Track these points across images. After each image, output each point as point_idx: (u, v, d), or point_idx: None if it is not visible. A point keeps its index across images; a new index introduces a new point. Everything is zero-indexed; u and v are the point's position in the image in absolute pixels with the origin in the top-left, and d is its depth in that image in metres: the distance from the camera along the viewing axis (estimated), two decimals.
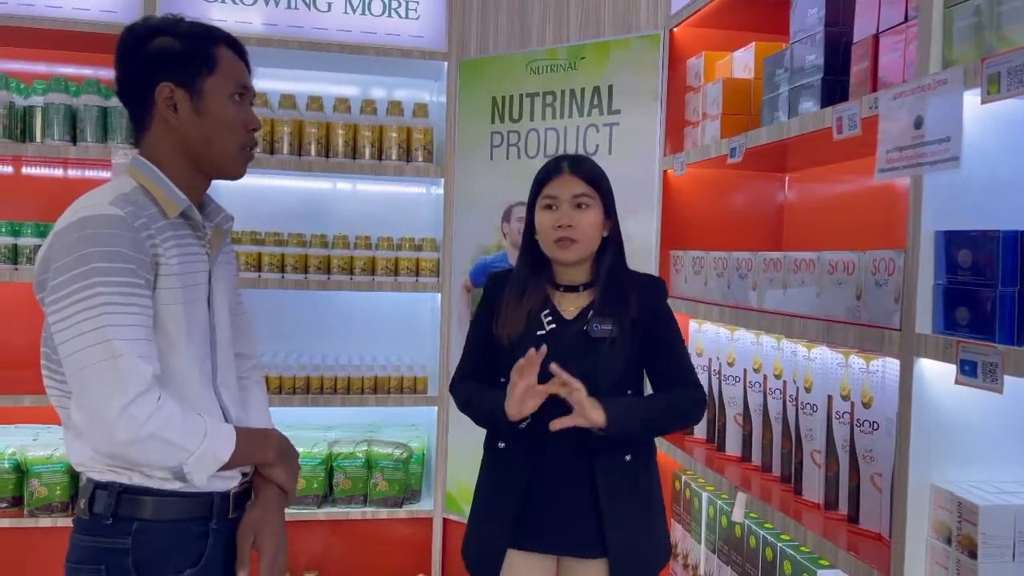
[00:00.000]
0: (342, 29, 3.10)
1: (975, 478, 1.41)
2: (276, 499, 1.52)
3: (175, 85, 1.43)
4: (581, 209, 1.83)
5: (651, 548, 1.89)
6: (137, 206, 1.38)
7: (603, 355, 1.80)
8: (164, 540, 1.38)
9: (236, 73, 1.49)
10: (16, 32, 2.91)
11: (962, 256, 1.32)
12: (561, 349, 1.77)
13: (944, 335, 1.34)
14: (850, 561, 1.58)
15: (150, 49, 1.43)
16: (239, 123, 1.49)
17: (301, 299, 3.32)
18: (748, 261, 2.08)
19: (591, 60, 2.86)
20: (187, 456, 1.33)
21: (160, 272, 1.38)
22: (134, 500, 1.37)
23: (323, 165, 3.08)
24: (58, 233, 1.35)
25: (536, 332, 1.83)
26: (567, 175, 1.84)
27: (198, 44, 1.45)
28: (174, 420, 1.31)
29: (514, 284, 1.90)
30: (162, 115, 1.44)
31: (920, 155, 1.35)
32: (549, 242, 1.84)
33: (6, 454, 2.86)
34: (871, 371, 1.70)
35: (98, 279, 1.29)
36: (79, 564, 1.40)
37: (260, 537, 1.47)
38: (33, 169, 3.18)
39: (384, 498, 3.12)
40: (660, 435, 1.87)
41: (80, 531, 1.42)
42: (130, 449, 1.30)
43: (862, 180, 2.26)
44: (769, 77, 2.02)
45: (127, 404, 1.26)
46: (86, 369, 1.28)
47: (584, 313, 1.85)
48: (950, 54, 1.37)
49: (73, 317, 1.29)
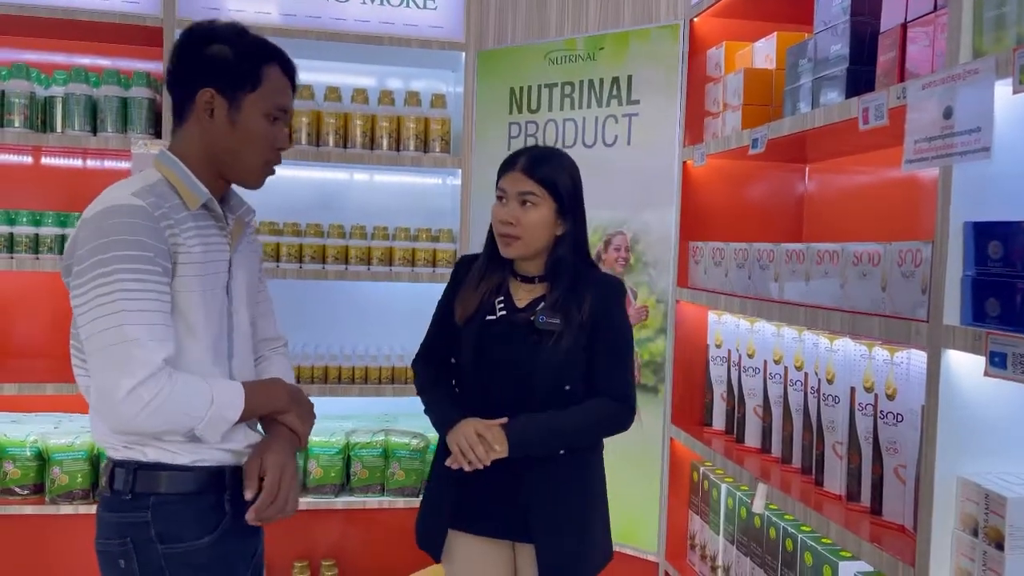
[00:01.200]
0: (360, 19, 3.10)
1: (1002, 470, 1.41)
2: (285, 435, 1.59)
3: (216, 92, 1.51)
4: (525, 207, 1.87)
5: (586, 545, 1.92)
6: (159, 197, 1.45)
7: (544, 347, 1.85)
8: (181, 511, 1.47)
9: (278, 95, 1.56)
10: (37, 22, 2.91)
11: (992, 247, 1.31)
12: (506, 335, 1.89)
13: (973, 327, 1.33)
14: (874, 552, 1.58)
15: (205, 53, 1.52)
16: (267, 141, 1.57)
17: (319, 289, 3.33)
18: (770, 252, 2.07)
19: (610, 51, 2.85)
20: (197, 423, 1.41)
21: (179, 260, 1.45)
22: (150, 475, 1.46)
23: (341, 156, 3.09)
24: (85, 221, 1.43)
25: (486, 316, 1.92)
26: (518, 172, 1.88)
27: (249, 60, 1.53)
28: (179, 395, 1.37)
29: (476, 268, 1.99)
30: (198, 116, 1.52)
31: (949, 146, 1.34)
32: (496, 234, 1.93)
33: (28, 442, 2.88)
34: (896, 363, 1.70)
35: (118, 266, 1.36)
36: (107, 540, 1.49)
37: (264, 458, 1.52)
38: (53, 159, 3.20)
39: (401, 487, 3.14)
40: (575, 447, 1.92)
41: (104, 508, 1.51)
42: (139, 424, 1.37)
43: (882, 171, 2.25)
44: (792, 67, 2.01)
45: (135, 386, 1.33)
46: (102, 351, 1.36)
47: (535, 304, 1.91)
48: (980, 44, 1.36)
49: (93, 301, 1.36)
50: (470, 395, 1.95)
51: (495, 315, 1.93)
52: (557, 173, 1.89)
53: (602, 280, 1.96)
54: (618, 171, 2.79)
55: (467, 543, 1.97)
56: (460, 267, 2.06)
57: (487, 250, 2.00)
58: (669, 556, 2.70)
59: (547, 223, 1.88)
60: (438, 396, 1.99)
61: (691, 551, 2.65)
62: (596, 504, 1.98)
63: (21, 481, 2.89)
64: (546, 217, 1.88)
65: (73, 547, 2.98)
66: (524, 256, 1.91)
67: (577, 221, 1.93)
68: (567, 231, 1.91)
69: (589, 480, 1.96)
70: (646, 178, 2.76)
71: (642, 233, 2.78)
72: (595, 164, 1.94)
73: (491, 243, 1.97)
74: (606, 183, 2.78)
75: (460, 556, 1.98)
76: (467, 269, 2.02)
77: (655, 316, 2.73)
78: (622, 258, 2.81)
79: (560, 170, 1.90)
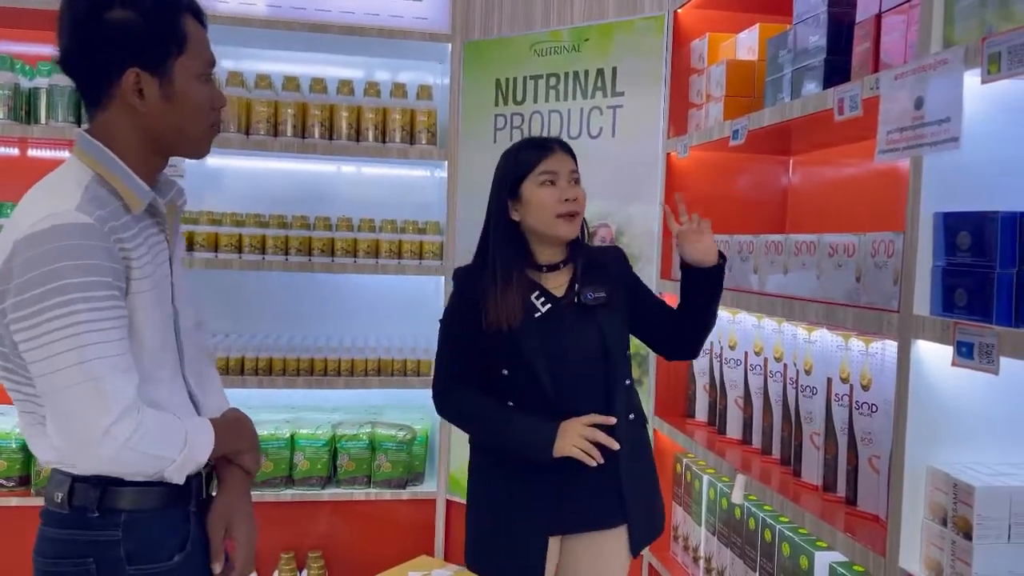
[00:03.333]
0: (345, 11, 3.09)
1: (971, 459, 1.41)
2: (243, 484, 1.48)
3: (141, 70, 1.30)
4: (578, 184, 1.88)
5: (659, 511, 1.95)
6: (102, 206, 1.27)
7: (602, 319, 1.85)
8: (153, 529, 1.36)
9: (204, 50, 1.38)
10: (20, 13, 2.90)
11: (961, 238, 1.31)
12: (562, 325, 1.83)
13: (942, 316, 1.34)
14: (847, 543, 1.59)
15: (109, 24, 1.28)
16: (207, 104, 1.38)
17: (304, 282, 3.33)
18: (750, 244, 2.07)
19: (595, 42, 2.85)
20: (169, 464, 1.30)
21: (132, 276, 1.29)
22: (119, 492, 1.32)
23: (327, 148, 3.08)
24: (21, 242, 1.22)
25: (534, 315, 1.83)
26: (560, 153, 1.87)
27: (163, 19, 1.32)
28: (154, 433, 1.27)
29: (498, 273, 1.84)
30: (125, 99, 1.31)
31: (920, 136, 1.34)
32: (550, 217, 1.82)
33: (14, 434, 2.88)
34: (870, 353, 1.70)
35: (74, 295, 1.20)
36: (57, 559, 1.34)
37: (233, 525, 1.43)
38: (39, 151, 3.19)
39: (388, 479, 3.14)
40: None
41: (55, 524, 1.35)
42: (112, 466, 1.26)
43: (865, 163, 2.25)
44: (773, 58, 2.01)
45: (110, 425, 1.21)
46: (65, 390, 1.21)
47: (571, 287, 1.88)
48: (951, 34, 1.36)
49: (48, 335, 1.20)
50: (539, 397, 1.80)
51: (541, 310, 1.84)
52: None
53: (610, 249, 2.03)
54: (603, 163, 2.79)
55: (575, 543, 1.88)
56: (465, 281, 1.91)
57: (508, 250, 1.86)
58: (653, 547, 2.70)
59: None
60: (506, 415, 1.82)
61: (674, 542, 2.66)
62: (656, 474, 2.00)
63: (7, 473, 2.89)
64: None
65: None
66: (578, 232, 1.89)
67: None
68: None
69: (650, 444, 2.03)
70: (631, 170, 2.76)
71: (626, 225, 2.78)
72: (580, 156, 1.93)
73: (510, 241, 1.86)
74: (591, 175, 2.76)
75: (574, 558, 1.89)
76: (471, 281, 1.88)
77: None
78: None
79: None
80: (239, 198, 3.23)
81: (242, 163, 3.31)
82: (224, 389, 1.62)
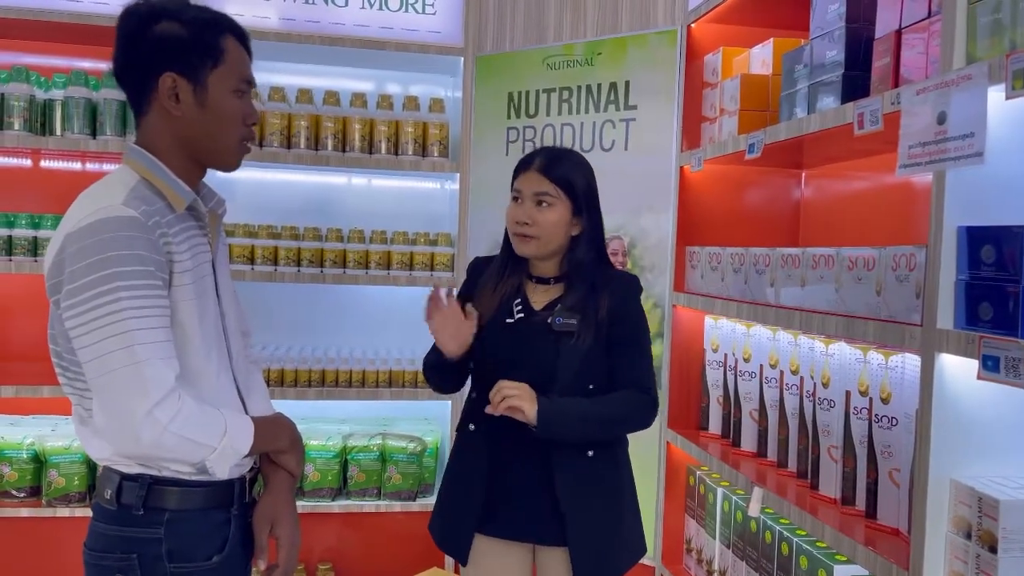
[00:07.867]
0: (359, 24, 3.11)
1: (995, 473, 1.42)
2: (287, 485, 1.55)
3: (178, 75, 1.40)
4: (541, 207, 1.87)
5: (617, 543, 1.91)
6: (147, 203, 1.36)
7: (564, 348, 1.84)
8: (193, 529, 1.41)
9: (241, 67, 1.47)
10: (36, 26, 2.92)
11: (985, 252, 1.32)
12: (525, 338, 1.88)
13: (966, 330, 1.34)
14: (868, 556, 1.58)
15: (154, 34, 1.39)
16: (239, 118, 1.47)
17: (317, 293, 3.34)
18: (766, 257, 2.08)
19: (608, 56, 2.86)
20: (209, 452, 1.36)
21: (175, 270, 1.37)
22: (163, 491, 1.39)
23: (339, 159, 3.09)
24: (71, 235, 1.32)
25: (505, 319, 1.91)
26: (534, 172, 1.88)
27: (205, 34, 1.42)
28: (195, 420, 1.32)
29: (493, 270, 1.98)
30: (162, 104, 1.41)
31: (943, 151, 1.35)
32: (511, 234, 1.92)
33: (25, 444, 2.88)
34: (890, 367, 1.70)
35: (119, 283, 1.28)
36: (105, 552, 1.40)
37: (277, 525, 1.49)
38: (52, 163, 3.20)
39: (398, 491, 3.14)
40: (602, 438, 1.89)
41: (104, 520, 1.42)
42: (154, 450, 1.32)
43: (878, 176, 2.26)
44: (788, 73, 2.02)
45: (151, 408, 1.28)
46: (109, 374, 1.28)
47: (552, 305, 1.90)
48: (973, 50, 1.37)
49: (95, 322, 1.28)
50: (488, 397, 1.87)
51: (513, 318, 1.91)
52: (573, 173, 1.89)
53: (618, 277, 1.96)
54: (615, 176, 2.80)
55: (490, 546, 1.94)
56: (475, 269, 2.06)
57: (504, 252, 1.98)
58: (665, 560, 2.70)
59: (563, 223, 1.88)
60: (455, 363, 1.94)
61: (687, 555, 2.65)
62: (627, 502, 1.96)
63: (18, 483, 2.89)
64: (562, 217, 1.87)
65: (69, 550, 2.97)
66: (540, 255, 1.90)
67: (593, 220, 1.93)
68: (583, 230, 1.91)
69: (619, 478, 1.94)
70: (643, 183, 2.77)
71: (639, 238, 2.79)
72: (593, 169, 1.95)
73: (508, 245, 1.95)
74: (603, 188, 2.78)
75: (484, 559, 1.94)
76: (481, 270, 2.02)
77: (652, 321, 2.73)
78: (619, 263, 2.82)
79: (575, 170, 1.90)
80: (252, 209, 3.24)
81: (255, 175, 3.32)
82: None
